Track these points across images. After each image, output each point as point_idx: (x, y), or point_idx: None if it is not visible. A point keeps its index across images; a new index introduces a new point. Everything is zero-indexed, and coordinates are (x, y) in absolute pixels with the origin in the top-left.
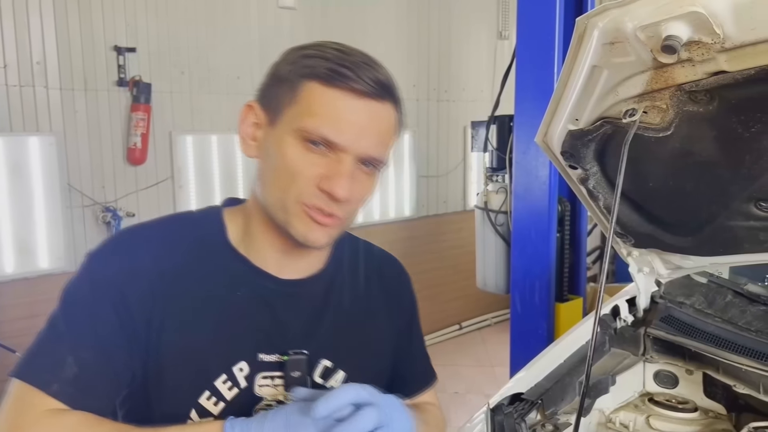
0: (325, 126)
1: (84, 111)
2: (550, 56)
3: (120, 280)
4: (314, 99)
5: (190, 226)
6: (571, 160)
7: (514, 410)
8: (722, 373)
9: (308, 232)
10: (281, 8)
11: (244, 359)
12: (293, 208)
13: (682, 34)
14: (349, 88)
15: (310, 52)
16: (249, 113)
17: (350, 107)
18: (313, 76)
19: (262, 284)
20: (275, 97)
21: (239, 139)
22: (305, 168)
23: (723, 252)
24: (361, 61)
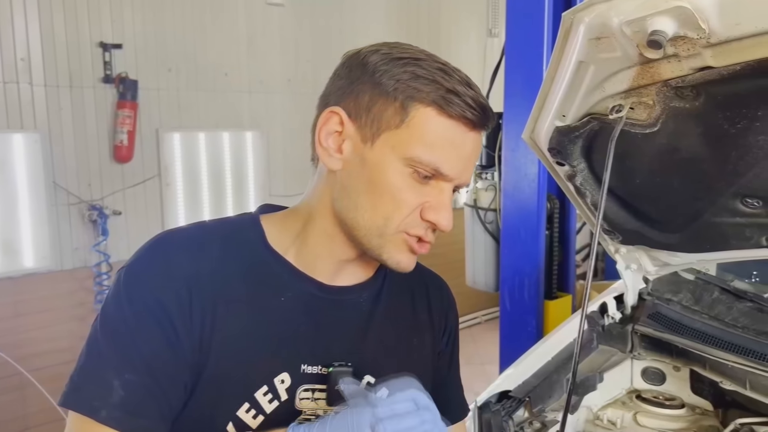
0: (441, 160)
1: (69, 108)
2: (538, 53)
3: (159, 294)
4: (429, 128)
5: (227, 230)
6: (558, 157)
7: (501, 408)
8: (709, 369)
9: (402, 258)
10: (269, 4)
11: (287, 370)
12: (393, 236)
13: (668, 29)
14: (464, 118)
15: (417, 70)
16: (331, 120)
17: (463, 140)
18: (428, 102)
19: (306, 290)
20: (374, 113)
21: (319, 148)
22: (412, 197)
23: (710, 248)
24: (465, 82)
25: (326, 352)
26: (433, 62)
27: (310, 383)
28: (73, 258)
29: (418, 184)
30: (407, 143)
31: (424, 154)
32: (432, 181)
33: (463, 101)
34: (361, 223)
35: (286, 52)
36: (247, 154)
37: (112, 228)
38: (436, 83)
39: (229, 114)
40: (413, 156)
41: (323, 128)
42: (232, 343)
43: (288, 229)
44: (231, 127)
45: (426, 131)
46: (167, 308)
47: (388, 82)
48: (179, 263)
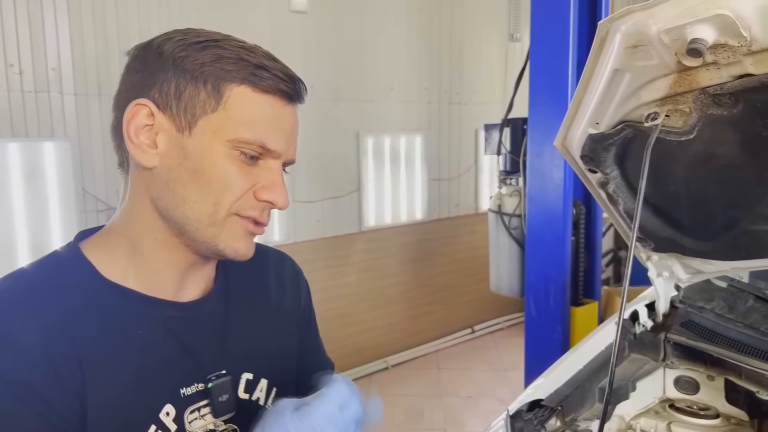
0: (265, 136)
1: (98, 116)
2: (564, 59)
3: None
4: (248, 106)
5: (53, 275)
6: (590, 164)
7: (533, 417)
8: (744, 379)
9: (240, 245)
10: (293, 12)
11: (168, 401)
12: (226, 221)
13: (708, 37)
14: (279, 91)
15: (220, 51)
16: (140, 114)
17: (282, 113)
18: (239, 81)
19: (162, 314)
20: (187, 101)
21: (130, 146)
22: (242, 179)
23: (745, 256)
24: (269, 57)
25: (199, 369)
26: (232, 41)
27: (193, 403)
28: None
29: (247, 166)
30: (229, 125)
31: (248, 133)
32: (260, 162)
33: (274, 75)
34: (191, 216)
35: (309, 58)
36: None
37: None
38: (243, 61)
39: None
40: (238, 137)
41: (131, 123)
42: (106, 395)
43: (116, 251)
44: None
45: (245, 110)
46: (32, 386)
47: (192, 67)
48: (22, 329)
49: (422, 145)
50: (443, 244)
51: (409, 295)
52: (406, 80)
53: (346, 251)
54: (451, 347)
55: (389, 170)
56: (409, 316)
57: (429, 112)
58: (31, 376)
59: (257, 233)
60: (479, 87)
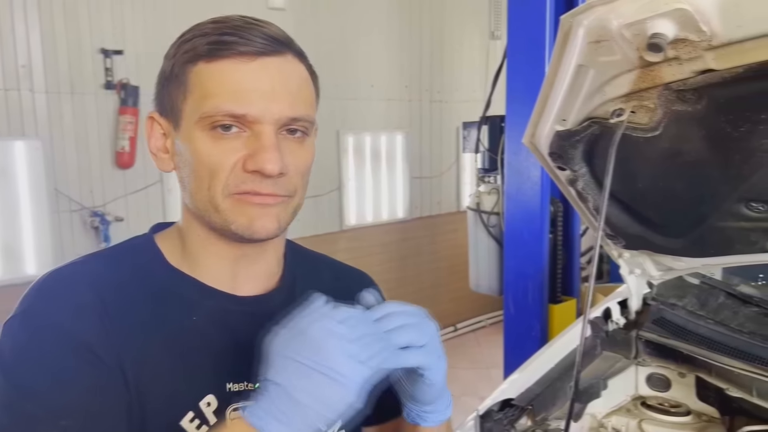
0: (225, 102)
1: (71, 114)
2: (540, 56)
3: (71, 326)
4: (204, 80)
5: (121, 256)
6: (559, 161)
7: (503, 416)
8: (715, 376)
9: (252, 222)
10: (271, 9)
11: (211, 392)
12: (225, 203)
13: (668, 31)
14: (236, 53)
15: (187, 35)
16: (153, 126)
17: (245, 72)
18: (195, 58)
19: (219, 305)
20: (169, 100)
21: (151, 157)
22: (224, 157)
23: (714, 253)
24: (242, 23)
25: (249, 368)
26: (210, 20)
27: (238, 401)
28: None
29: (227, 141)
30: (194, 107)
31: (209, 106)
32: (244, 133)
33: (235, 36)
34: (199, 206)
35: None
36: None
37: (114, 234)
38: (205, 36)
39: None
40: (202, 114)
41: (149, 137)
42: (149, 373)
43: (176, 247)
44: None
45: (202, 85)
46: (84, 339)
47: (167, 64)
48: (81, 293)
49: (403, 143)
50: (425, 242)
51: (391, 294)
52: (387, 78)
53: (327, 250)
54: None
55: (370, 168)
56: None
57: (410, 110)
58: (83, 330)
59: (266, 203)
60: (460, 85)
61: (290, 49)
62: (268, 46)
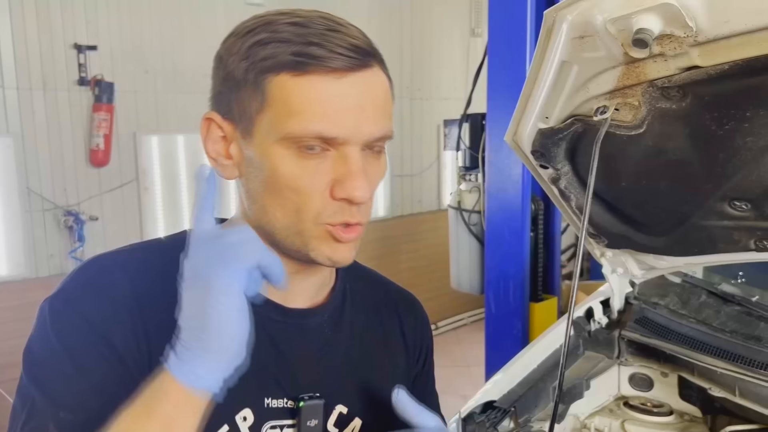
0: (314, 123)
1: (43, 111)
2: (521, 53)
3: (94, 316)
4: (289, 95)
5: (166, 250)
6: (541, 160)
7: (486, 419)
8: (697, 375)
9: (334, 253)
10: (249, 4)
11: (248, 406)
12: (314, 230)
13: (654, 27)
14: (326, 68)
15: (262, 36)
16: (211, 127)
17: (335, 90)
18: (278, 68)
19: (263, 313)
20: (238, 104)
21: (210, 161)
22: (311, 181)
23: (697, 252)
24: (325, 28)
25: (292, 384)
26: (286, 19)
27: (276, 419)
28: (49, 265)
29: (314, 162)
30: (277, 122)
31: (297, 126)
32: (330, 153)
33: (323, 49)
34: (277, 225)
35: None
36: None
37: (89, 234)
38: (287, 43)
39: None
40: (287, 133)
41: (206, 140)
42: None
43: None
44: None
45: (287, 101)
46: (107, 336)
47: (238, 66)
48: (115, 285)
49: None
50: (406, 240)
51: None
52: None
53: None
54: None
55: None
56: None
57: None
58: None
59: (350, 238)
60: (441, 82)
61: (375, 60)
62: (358, 61)
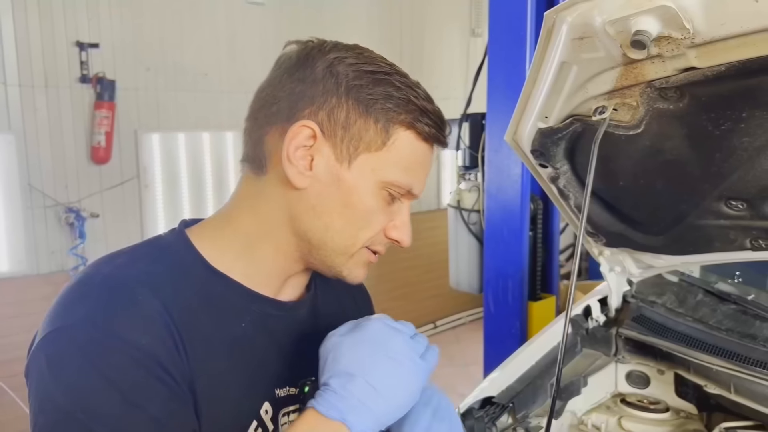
0: (414, 181)
1: (45, 108)
2: (521, 53)
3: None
4: (408, 152)
5: (165, 257)
6: (541, 159)
7: (484, 414)
8: (693, 373)
9: (360, 273)
10: (250, 3)
11: (266, 399)
12: (358, 253)
13: (652, 29)
14: (433, 138)
15: (391, 90)
16: (302, 134)
17: (429, 158)
18: (407, 125)
19: (263, 310)
20: (355, 133)
21: (285, 163)
22: (383, 218)
23: (694, 251)
24: (426, 98)
25: (292, 372)
26: (401, 77)
27: (285, 406)
28: (50, 262)
29: (387, 205)
30: (387, 166)
31: (402, 177)
32: (398, 202)
33: (432, 121)
34: (329, 244)
35: (266, 52)
36: (227, 154)
37: (89, 231)
38: (411, 103)
39: (209, 114)
40: (392, 180)
41: (292, 142)
42: (215, 383)
43: (227, 245)
44: (211, 128)
45: (405, 155)
46: (155, 355)
47: (366, 100)
48: (146, 302)
49: None
50: None
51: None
52: None
53: None
54: None
55: None
56: None
57: None
58: (152, 345)
59: (374, 262)
60: (440, 82)
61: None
62: (445, 138)
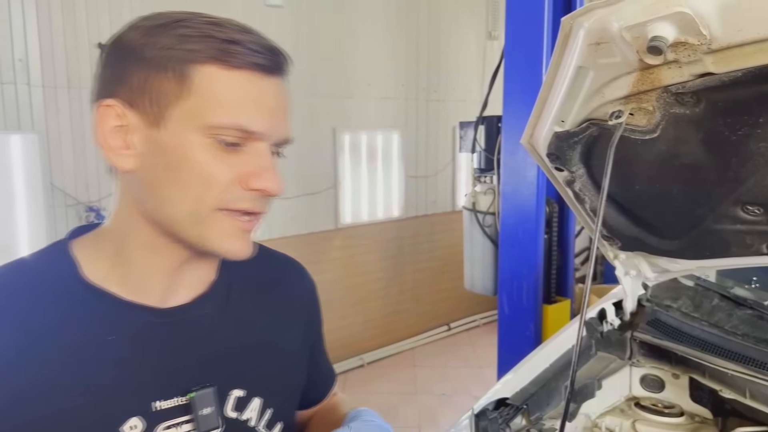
0: (239, 115)
1: (67, 109)
2: (538, 57)
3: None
4: (218, 87)
5: (36, 269)
6: (557, 162)
7: (498, 415)
8: (708, 377)
9: (232, 244)
10: (268, 6)
11: (135, 414)
12: (212, 217)
13: (669, 34)
14: (253, 65)
15: (185, 31)
16: (108, 115)
17: (260, 89)
18: (205, 59)
19: (140, 320)
20: (151, 91)
21: (101, 151)
22: (224, 170)
23: (710, 256)
24: (243, 29)
25: (181, 380)
26: (200, 18)
27: (171, 419)
28: None
29: (227, 155)
30: (200, 111)
31: (222, 116)
32: (244, 147)
33: (246, 48)
34: (176, 216)
35: None
36: None
37: None
38: (210, 38)
39: None
40: (211, 123)
41: (100, 127)
42: (64, 405)
43: (102, 254)
44: None
45: (218, 92)
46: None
47: (156, 54)
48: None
49: (399, 142)
50: (420, 241)
51: (385, 293)
52: (384, 77)
53: (322, 248)
54: (427, 344)
55: (366, 167)
56: (385, 314)
57: (406, 109)
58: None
59: (251, 227)
60: (457, 84)
61: (288, 68)
62: (278, 65)
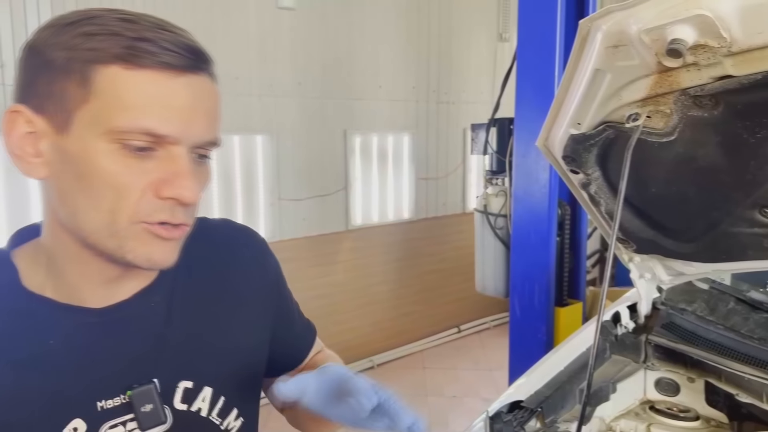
0: (145, 118)
1: None
2: (551, 59)
3: None
4: (120, 88)
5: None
6: (572, 165)
7: (513, 418)
8: (724, 381)
9: (154, 254)
10: (280, 9)
11: (78, 416)
12: (129, 230)
13: (688, 37)
14: (161, 65)
15: (91, 28)
16: (17, 122)
17: (171, 88)
18: (108, 59)
19: (77, 322)
20: (56, 96)
21: (12, 159)
22: (134, 178)
23: (726, 259)
24: (155, 26)
25: (125, 378)
26: (112, 15)
27: (114, 418)
28: None
29: (137, 161)
30: (103, 115)
31: (125, 119)
32: (156, 152)
33: (157, 46)
34: (88, 227)
35: (296, 55)
36: (257, 158)
37: None
38: (116, 36)
39: (239, 118)
40: (113, 126)
41: (10, 135)
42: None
43: (37, 261)
44: (241, 131)
45: (119, 94)
46: None
47: (59, 55)
48: None
49: (410, 144)
50: (430, 243)
51: (395, 294)
52: (394, 79)
53: (332, 250)
54: (437, 346)
55: (377, 169)
56: (395, 315)
57: (417, 111)
58: None
59: (173, 237)
60: (467, 86)
61: (208, 66)
62: (192, 61)
